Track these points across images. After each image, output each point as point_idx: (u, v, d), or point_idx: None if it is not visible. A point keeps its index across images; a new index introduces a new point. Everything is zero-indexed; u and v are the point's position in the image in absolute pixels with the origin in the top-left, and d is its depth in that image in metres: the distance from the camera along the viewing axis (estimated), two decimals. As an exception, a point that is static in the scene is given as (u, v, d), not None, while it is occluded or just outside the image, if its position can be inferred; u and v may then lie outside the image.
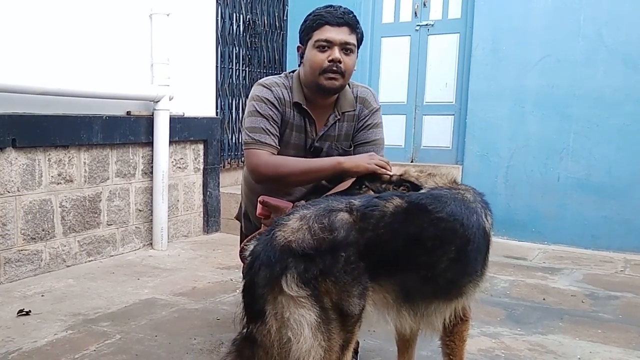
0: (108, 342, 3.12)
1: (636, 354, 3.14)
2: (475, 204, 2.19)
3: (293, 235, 1.86)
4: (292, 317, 1.80)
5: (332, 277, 1.83)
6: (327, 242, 1.85)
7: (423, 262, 2.02)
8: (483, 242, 2.15)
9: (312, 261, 1.82)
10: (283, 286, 1.80)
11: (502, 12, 5.87)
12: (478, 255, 2.14)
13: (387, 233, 1.95)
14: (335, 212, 1.93)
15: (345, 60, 2.63)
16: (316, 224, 1.88)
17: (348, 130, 2.83)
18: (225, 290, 4.09)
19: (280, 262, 1.82)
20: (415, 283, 2.01)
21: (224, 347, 3.04)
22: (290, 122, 2.76)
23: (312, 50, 2.64)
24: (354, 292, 1.87)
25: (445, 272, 2.05)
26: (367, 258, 1.89)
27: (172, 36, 5.26)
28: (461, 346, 2.30)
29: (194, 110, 5.69)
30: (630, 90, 5.30)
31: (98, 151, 4.75)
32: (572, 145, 5.59)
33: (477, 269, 2.15)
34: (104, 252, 4.90)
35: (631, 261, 5.13)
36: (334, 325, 1.85)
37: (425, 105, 6.62)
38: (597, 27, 5.42)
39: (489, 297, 4.01)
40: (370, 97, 2.86)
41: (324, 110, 2.79)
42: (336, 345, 1.86)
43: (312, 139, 2.78)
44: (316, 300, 1.82)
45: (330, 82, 2.63)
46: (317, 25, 2.62)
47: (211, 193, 5.99)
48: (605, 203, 5.44)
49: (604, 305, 3.95)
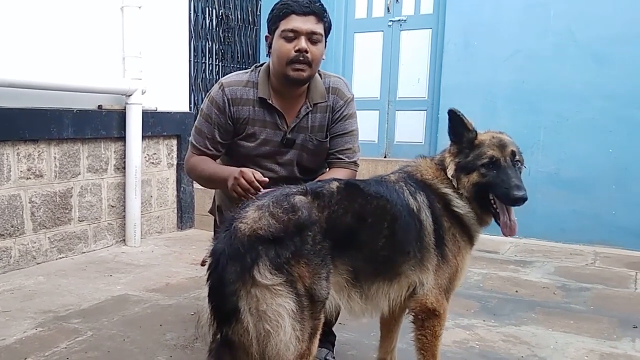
0: (79, 339, 3.07)
1: (608, 344, 3.20)
2: (398, 184, 2.24)
3: (257, 224, 1.85)
4: (270, 309, 1.78)
5: (304, 258, 1.85)
6: (293, 222, 1.87)
7: (365, 240, 2.06)
8: (411, 221, 2.16)
9: (282, 244, 1.83)
10: (256, 276, 1.78)
11: (473, 8, 5.92)
12: (408, 234, 2.14)
13: (340, 209, 2.01)
14: (292, 195, 1.97)
15: (312, 50, 2.60)
16: (277, 208, 1.90)
17: (322, 122, 2.81)
18: (199, 286, 4.02)
19: (250, 251, 1.80)
20: (361, 263, 2.05)
21: (197, 343, 3.01)
22: (252, 119, 2.73)
23: (278, 40, 2.61)
24: (323, 275, 1.90)
25: (382, 250, 2.09)
26: (329, 237, 1.92)
27: (144, 29, 5.19)
28: (434, 342, 2.28)
29: (167, 105, 5.63)
30: (599, 85, 5.39)
31: (69, 146, 4.67)
32: (543, 139, 5.67)
33: (409, 249, 2.14)
34: (75, 249, 4.83)
35: (601, 254, 5.23)
36: (306, 313, 1.86)
37: (398, 100, 6.66)
38: (566, 23, 5.50)
39: (463, 289, 4.03)
40: (344, 87, 2.84)
41: (294, 102, 2.76)
42: (307, 334, 1.87)
43: (284, 132, 2.76)
44: (291, 287, 1.81)
45: (297, 73, 2.60)
46: (283, 14, 2.60)
47: (185, 189, 5.94)
48: (575, 197, 5.53)
49: (575, 297, 4.01)
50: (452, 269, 2.26)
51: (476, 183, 2.24)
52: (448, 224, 2.25)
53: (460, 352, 3.04)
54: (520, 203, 2.17)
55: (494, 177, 2.22)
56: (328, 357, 2.74)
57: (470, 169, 2.25)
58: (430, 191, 2.28)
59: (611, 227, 5.40)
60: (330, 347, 2.80)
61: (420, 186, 2.28)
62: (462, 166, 2.27)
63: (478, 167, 2.24)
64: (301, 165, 2.82)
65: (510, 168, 2.23)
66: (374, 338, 2.87)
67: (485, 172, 2.23)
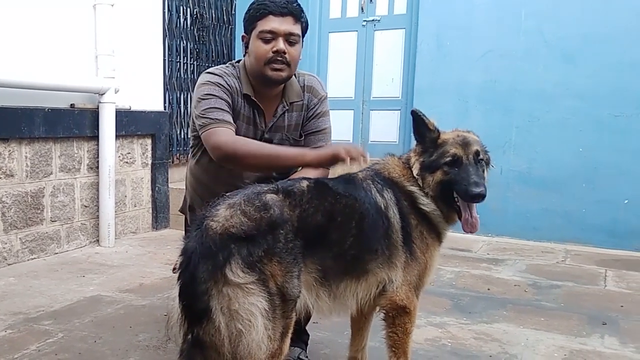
0: (50, 340, 3.04)
1: (578, 340, 3.26)
2: (365, 182, 2.26)
3: (229, 222, 1.85)
4: (242, 308, 1.78)
5: (277, 257, 1.85)
6: (265, 220, 1.87)
7: (335, 239, 2.07)
8: (379, 218, 2.18)
9: (254, 242, 1.83)
10: (228, 275, 1.78)
11: (446, 8, 5.97)
12: (375, 232, 2.16)
13: (311, 208, 2.02)
14: (263, 193, 1.98)
15: (290, 51, 2.60)
16: (249, 206, 1.90)
17: (297, 120, 2.82)
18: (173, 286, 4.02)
19: (222, 249, 1.80)
20: (330, 262, 2.06)
21: (170, 343, 3.00)
22: (240, 112, 2.70)
23: (256, 40, 2.61)
24: (295, 273, 1.90)
25: (350, 249, 2.10)
26: (300, 235, 1.93)
27: (117, 27, 5.15)
28: (405, 339, 2.29)
29: (141, 104, 5.59)
30: (569, 84, 5.48)
31: (40, 145, 4.62)
32: (515, 139, 5.74)
33: (376, 247, 2.16)
34: (47, 250, 4.77)
35: (571, 251, 5.32)
36: (278, 311, 1.86)
37: (373, 100, 6.70)
38: (537, 23, 5.59)
39: (436, 287, 4.08)
40: (318, 85, 2.86)
41: (271, 101, 2.76)
42: (278, 333, 1.87)
43: (262, 131, 2.75)
44: (263, 285, 1.81)
45: (276, 73, 2.60)
46: (260, 14, 2.59)
47: (160, 188, 5.90)
48: (546, 195, 5.61)
49: (546, 294, 4.08)
50: (420, 265, 2.27)
51: (440, 181, 2.27)
52: (415, 222, 2.28)
53: (432, 349, 3.07)
54: (478, 199, 2.19)
55: (455, 174, 2.25)
56: (301, 356, 2.74)
57: (434, 168, 2.28)
58: (397, 189, 2.30)
59: (582, 225, 5.50)
60: (304, 346, 2.80)
61: (387, 184, 2.30)
62: (426, 165, 2.30)
63: (441, 166, 2.27)
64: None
65: (472, 166, 2.25)
66: (347, 337, 2.87)
67: (448, 169, 2.26)
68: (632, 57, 5.24)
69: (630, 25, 5.23)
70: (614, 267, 4.81)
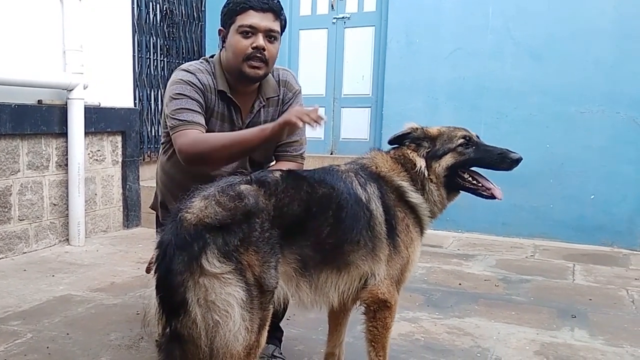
0: (18, 341, 2.99)
1: (548, 334, 3.31)
2: (347, 174, 2.27)
3: (203, 212, 1.84)
4: (219, 298, 1.77)
5: (253, 246, 1.85)
6: (240, 209, 1.87)
7: (312, 228, 2.07)
8: (359, 210, 2.19)
9: (230, 231, 1.82)
10: (204, 265, 1.77)
11: (415, 6, 6.02)
12: (356, 223, 2.16)
13: (287, 197, 2.02)
14: (237, 184, 1.98)
15: (269, 48, 2.58)
16: (223, 197, 1.90)
17: (274, 116, 2.79)
18: (146, 285, 3.96)
19: (197, 240, 1.79)
20: (309, 251, 2.06)
21: (143, 342, 2.98)
22: (214, 110, 2.68)
23: (235, 35, 2.58)
24: (272, 263, 1.90)
25: (328, 238, 2.10)
26: (277, 224, 1.93)
27: (85, 23, 5.07)
28: (384, 334, 2.30)
29: (111, 101, 5.52)
30: (536, 81, 5.57)
31: (7, 142, 4.53)
32: (483, 136, 5.68)
33: (358, 238, 2.16)
34: (15, 249, 4.68)
35: (540, 246, 5.41)
36: (255, 302, 1.85)
37: (343, 97, 6.72)
38: (504, 21, 5.66)
39: (408, 283, 4.02)
40: (292, 80, 2.85)
41: (247, 97, 2.74)
42: (256, 325, 1.87)
43: (239, 128, 2.72)
44: (240, 275, 1.81)
45: (254, 70, 2.58)
46: (241, 9, 2.56)
47: (131, 186, 5.84)
48: (515, 191, 5.66)
49: (516, 289, 4.14)
50: (403, 259, 2.28)
51: (452, 164, 2.34)
52: (402, 214, 2.29)
53: (406, 344, 3.09)
54: (519, 162, 2.32)
55: (475, 152, 2.35)
56: (275, 353, 2.73)
57: (442, 154, 2.34)
58: (383, 182, 2.31)
59: (549, 220, 5.60)
60: (278, 343, 2.80)
61: (372, 178, 2.31)
62: (432, 155, 2.35)
63: (454, 149, 2.34)
64: (252, 160, 2.81)
65: (483, 143, 2.36)
66: (322, 333, 2.90)
67: (463, 150, 2.34)
68: (597, 55, 5.34)
69: (595, 24, 5.33)
70: (581, 261, 4.91)
